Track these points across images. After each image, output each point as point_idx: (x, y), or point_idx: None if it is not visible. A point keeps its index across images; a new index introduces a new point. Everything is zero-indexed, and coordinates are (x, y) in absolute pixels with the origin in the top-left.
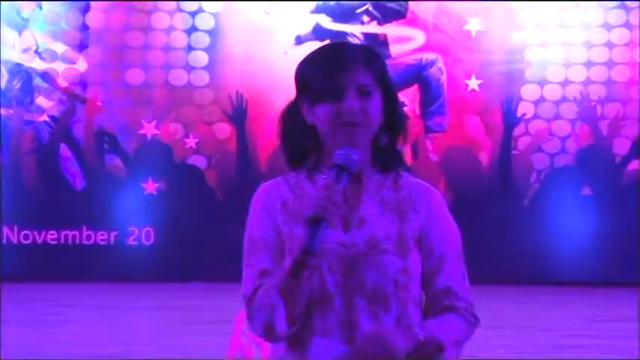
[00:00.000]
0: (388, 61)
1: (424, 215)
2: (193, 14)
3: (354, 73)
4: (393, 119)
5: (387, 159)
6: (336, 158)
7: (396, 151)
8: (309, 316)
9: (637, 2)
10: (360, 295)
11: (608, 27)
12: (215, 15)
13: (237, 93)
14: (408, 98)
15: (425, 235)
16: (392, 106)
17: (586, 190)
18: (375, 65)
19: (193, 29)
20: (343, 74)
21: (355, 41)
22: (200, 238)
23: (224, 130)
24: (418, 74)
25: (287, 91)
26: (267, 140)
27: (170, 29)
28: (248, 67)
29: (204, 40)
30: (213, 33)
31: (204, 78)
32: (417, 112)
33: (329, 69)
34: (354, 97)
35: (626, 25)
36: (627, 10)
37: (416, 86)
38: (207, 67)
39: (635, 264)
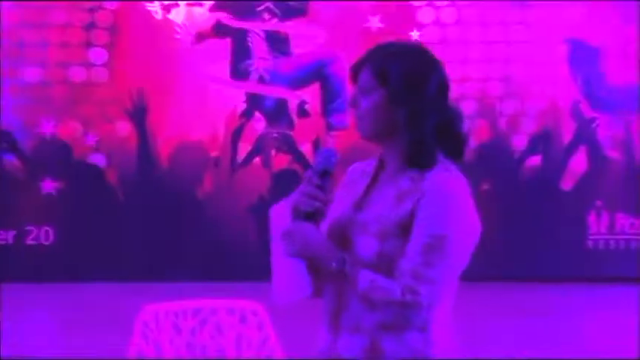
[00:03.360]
0: (288, 59)
1: (410, 205)
2: (91, 10)
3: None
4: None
5: (411, 155)
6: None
7: (419, 149)
8: None
9: None
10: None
11: (505, 24)
12: (114, 12)
13: (137, 90)
14: (309, 96)
15: (408, 222)
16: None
17: (485, 185)
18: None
19: (92, 26)
20: None
21: (256, 38)
22: (101, 237)
23: (124, 128)
24: (319, 72)
25: (188, 89)
26: (168, 138)
27: (67, 25)
28: (148, 64)
29: (103, 36)
30: (112, 30)
31: (103, 75)
32: (318, 109)
33: None
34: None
35: (524, 22)
36: (525, 7)
37: (317, 84)
38: (107, 65)
39: (531, 260)
